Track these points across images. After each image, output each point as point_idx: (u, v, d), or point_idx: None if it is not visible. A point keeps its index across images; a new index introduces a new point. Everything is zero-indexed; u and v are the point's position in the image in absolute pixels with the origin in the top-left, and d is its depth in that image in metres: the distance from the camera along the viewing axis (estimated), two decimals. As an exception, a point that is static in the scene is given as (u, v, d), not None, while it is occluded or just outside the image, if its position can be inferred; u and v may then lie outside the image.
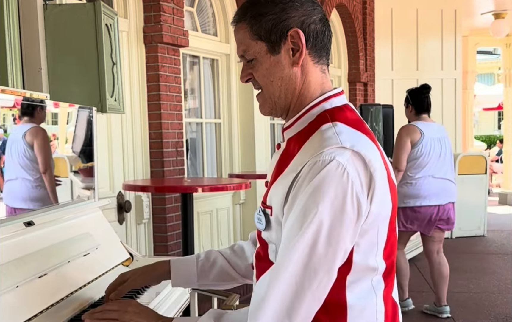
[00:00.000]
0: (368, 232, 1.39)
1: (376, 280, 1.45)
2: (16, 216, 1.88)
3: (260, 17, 1.46)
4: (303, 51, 1.46)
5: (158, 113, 4.79)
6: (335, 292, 1.39)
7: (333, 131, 1.40)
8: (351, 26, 8.59)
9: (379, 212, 1.39)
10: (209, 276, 1.81)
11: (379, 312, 1.45)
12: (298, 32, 1.45)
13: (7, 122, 1.99)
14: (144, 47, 4.76)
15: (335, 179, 1.32)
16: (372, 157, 1.37)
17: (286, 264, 1.33)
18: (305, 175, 1.35)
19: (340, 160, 1.33)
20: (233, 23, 1.53)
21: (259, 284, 1.40)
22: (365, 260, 1.41)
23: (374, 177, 1.36)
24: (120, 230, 4.57)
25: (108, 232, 2.41)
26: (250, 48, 1.49)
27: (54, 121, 2.38)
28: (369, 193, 1.35)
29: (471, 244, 7.96)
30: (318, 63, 1.50)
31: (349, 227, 1.33)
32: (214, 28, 6.09)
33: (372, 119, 6.77)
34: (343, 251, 1.35)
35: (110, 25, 3.14)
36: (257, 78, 1.51)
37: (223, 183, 4.30)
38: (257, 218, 1.52)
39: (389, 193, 1.43)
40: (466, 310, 5.07)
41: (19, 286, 1.65)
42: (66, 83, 3.04)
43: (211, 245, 5.81)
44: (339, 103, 1.49)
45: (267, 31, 1.46)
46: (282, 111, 1.53)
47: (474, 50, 12.57)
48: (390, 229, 1.45)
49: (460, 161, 8.19)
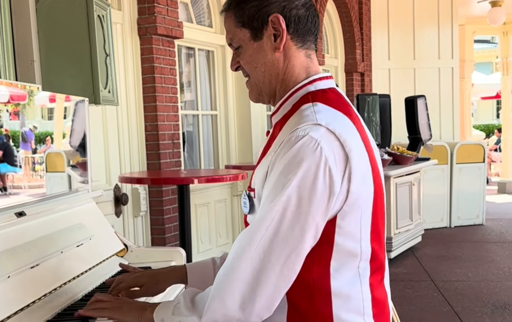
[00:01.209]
0: (350, 213, 1.38)
1: (362, 267, 1.44)
2: (7, 207, 1.86)
3: (243, 4, 1.50)
4: (284, 36, 1.48)
5: (154, 105, 4.77)
6: (319, 279, 1.39)
7: (311, 110, 1.41)
8: (347, 16, 8.56)
9: (359, 194, 1.38)
10: None
11: (366, 300, 1.45)
12: (278, 17, 1.47)
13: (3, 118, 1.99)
14: (138, 39, 4.73)
15: (308, 153, 1.32)
16: (347, 137, 1.37)
17: (253, 235, 1.34)
18: (279, 150, 1.37)
19: (313, 135, 1.34)
20: (222, 12, 1.58)
21: (229, 254, 1.40)
22: (348, 243, 1.40)
23: (350, 156, 1.35)
24: (117, 223, 4.56)
25: (102, 223, 2.41)
26: (236, 36, 1.53)
27: (50, 116, 2.37)
28: (345, 172, 1.35)
29: (470, 232, 7.95)
30: (302, 48, 1.51)
31: (320, 203, 1.33)
32: (209, 20, 6.07)
33: (369, 109, 6.76)
34: (313, 227, 1.34)
35: (102, 16, 3.13)
36: (243, 65, 1.55)
37: (219, 174, 4.30)
38: (243, 202, 1.54)
39: (371, 175, 1.42)
40: (465, 298, 5.06)
41: (11, 276, 1.64)
42: (59, 75, 3.03)
43: (209, 237, 5.81)
44: (324, 86, 1.50)
45: (250, 17, 1.49)
46: (268, 97, 1.55)
47: (471, 39, 12.54)
48: (374, 213, 1.44)
49: (458, 149, 8.18)
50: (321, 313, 1.39)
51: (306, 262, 1.36)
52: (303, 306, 1.40)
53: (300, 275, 1.36)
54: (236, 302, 1.33)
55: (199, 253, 5.54)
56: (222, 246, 6.00)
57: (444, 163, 8.16)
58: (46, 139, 2.26)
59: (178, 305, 1.45)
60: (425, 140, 7.33)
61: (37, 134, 2.20)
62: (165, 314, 1.47)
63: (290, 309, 1.41)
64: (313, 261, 1.38)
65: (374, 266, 1.46)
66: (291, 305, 1.41)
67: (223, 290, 1.34)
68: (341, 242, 1.39)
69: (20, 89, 2.13)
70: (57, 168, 2.34)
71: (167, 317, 1.46)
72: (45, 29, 3.02)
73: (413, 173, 6.81)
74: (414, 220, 6.83)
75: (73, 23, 3.03)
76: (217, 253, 1.89)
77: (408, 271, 5.98)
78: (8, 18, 2.86)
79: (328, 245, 1.38)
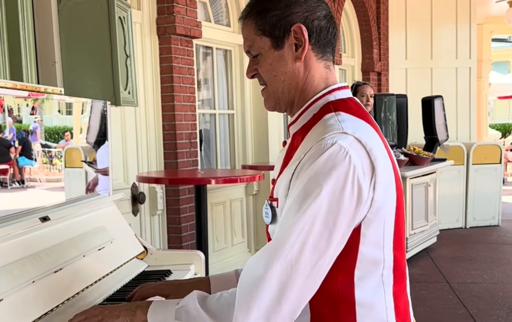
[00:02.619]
0: (374, 222, 1.39)
1: (386, 275, 1.44)
2: (31, 211, 1.89)
3: (264, 12, 1.49)
4: (306, 46, 1.48)
5: (172, 105, 4.79)
6: (343, 288, 1.39)
7: (336, 119, 1.41)
8: (364, 15, 8.53)
9: (383, 202, 1.39)
10: None
11: (389, 309, 1.45)
12: (301, 27, 1.47)
13: (22, 113, 2.00)
14: (157, 39, 4.76)
15: (337, 162, 1.33)
16: (373, 146, 1.38)
17: (282, 246, 1.33)
18: (306, 159, 1.37)
19: (342, 144, 1.34)
20: (240, 19, 1.57)
21: (253, 264, 1.37)
22: (372, 251, 1.40)
23: (376, 165, 1.36)
24: (134, 222, 4.59)
25: (123, 225, 2.43)
26: (255, 44, 1.52)
27: (68, 111, 2.39)
28: (371, 181, 1.35)
29: (486, 234, 7.91)
30: (322, 59, 1.52)
31: (347, 211, 1.33)
32: (227, 19, 6.08)
33: (386, 109, 6.74)
34: (340, 235, 1.34)
35: (123, 17, 3.14)
36: (261, 73, 1.54)
37: (236, 175, 4.31)
38: (265, 212, 1.53)
39: (394, 184, 1.43)
40: (480, 301, 5.04)
41: (36, 281, 1.66)
42: (80, 77, 3.04)
43: (225, 236, 5.83)
44: (343, 96, 1.51)
45: (271, 26, 1.48)
46: (285, 106, 1.56)
47: (489, 38, 12.46)
48: (396, 221, 1.44)
49: (475, 150, 8.14)
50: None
51: (330, 271, 1.37)
52: (326, 315, 1.40)
53: (324, 284, 1.37)
54: (262, 310, 1.32)
55: (215, 251, 5.56)
56: (238, 245, 6.01)
57: (461, 164, 8.13)
58: (65, 135, 2.28)
59: (183, 308, 1.40)
60: (441, 141, 7.30)
61: (53, 129, 2.22)
62: (166, 318, 1.41)
63: (313, 317, 1.41)
64: (337, 270, 1.38)
65: (397, 274, 1.47)
66: (314, 314, 1.41)
67: (249, 298, 1.32)
68: (365, 250, 1.39)
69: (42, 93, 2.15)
70: (75, 164, 2.35)
71: None
72: (67, 31, 3.04)
73: (429, 173, 6.79)
74: (429, 220, 6.81)
75: (94, 24, 3.04)
76: (232, 252, 1.89)
77: (423, 272, 5.97)
78: (31, 19, 2.89)
79: (353, 254, 1.39)
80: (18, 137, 1.96)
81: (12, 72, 2.78)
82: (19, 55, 2.80)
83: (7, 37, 2.77)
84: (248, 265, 1.40)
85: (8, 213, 1.78)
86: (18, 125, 1.96)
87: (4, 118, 1.87)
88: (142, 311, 1.45)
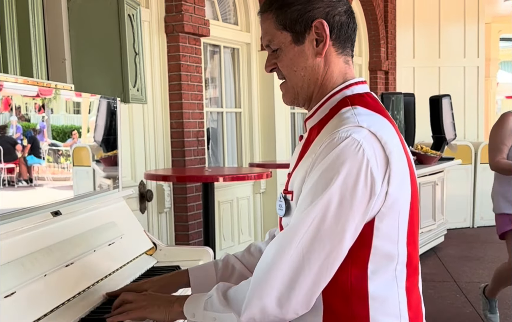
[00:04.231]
0: (388, 215, 1.39)
1: (399, 270, 1.44)
2: (44, 206, 1.91)
3: (286, 7, 1.49)
4: (327, 42, 1.48)
5: (179, 103, 4.81)
6: (356, 282, 1.40)
7: (352, 113, 1.42)
8: (372, 14, 8.53)
9: (398, 196, 1.39)
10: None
11: (402, 303, 1.45)
12: (323, 23, 1.47)
13: (30, 112, 2.01)
14: (165, 37, 4.78)
15: (350, 155, 1.33)
16: (388, 140, 1.38)
17: (294, 235, 1.35)
18: (320, 151, 1.38)
19: (356, 137, 1.35)
20: (259, 13, 1.56)
21: (267, 252, 1.41)
22: (386, 245, 1.41)
23: (390, 159, 1.37)
24: (141, 219, 4.59)
25: (132, 221, 2.44)
26: (275, 38, 1.51)
27: (76, 110, 2.40)
28: (385, 174, 1.36)
29: (493, 233, 7.78)
30: (341, 54, 1.52)
31: (360, 204, 1.34)
32: (235, 17, 6.09)
33: (393, 108, 6.72)
34: (353, 228, 1.35)
35: (132, 15, 3.15)
36: (281, 68, 1.53)
37: (244, 173, 4.32)
38: (278, 204, 1.54)
39: (409, 178, 1.44)
40: (488, 300, 5.02)
41: (47, 274, 1.67)
42: (89, 74, 3.06)
43: (232, 234, 5.84)
44: (360, 91, 1.51)
45: (292, 21, 1.48)
46: (304, 100, 1.56)
47: (497, 38, 12.40)
48: (410, 216, 1.45)
49: (483, 149, 8.11)
50: (358, 315, 1.41)
51: (343, 265, 1.38)
52: (339, 308, 1.41)
53: (338, 278, 1.38)
54: (274, 299, 1.35)
55: (222, 250, 5.57)
56: (245, 243, 6.03)
57: (468, 163, 8.11)
58: (72, 133, 2.29)
59: (210, 299, 1.47)
60: (449, 140, 7.27)
61: (61, 127, 2.23)
62: (196, 309, 1.48)
63: (326, 311, 1.42)
64: (351, 263, 1.39)
65: (410, 269, 1.48)
66: (327, 307, 1.42)
67: (261, 287, 1.36)
68: (379, 244, 1.40)
69: (52, 89, 2.16)
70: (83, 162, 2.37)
71: (198, 313, 1.48)
72: (76, 28, 3.05)
73: (437, 172, 6.78)
74: (437, 220, 6.80)
75: (103, 22, 3.05)
76: (239, 250, 1.91)
77: (430, 272, 5.96)
78: (41, 16, 2.90)
79: (366, 247, 1.39)
80: (27, 135, 1.97)
81: (22, 70, 2.79)
82: (29, 52, 2.81)
83: (17, 35, 2.78)
84: (264, 252, 1.43)
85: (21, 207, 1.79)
86: (27, 124, 1.97)
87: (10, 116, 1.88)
88: (179, 303, 1.54)
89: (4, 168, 1.84)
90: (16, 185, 1.90)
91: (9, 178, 1.88)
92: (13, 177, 1.89)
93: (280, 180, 6.11)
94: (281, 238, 1.39)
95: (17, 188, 1.90)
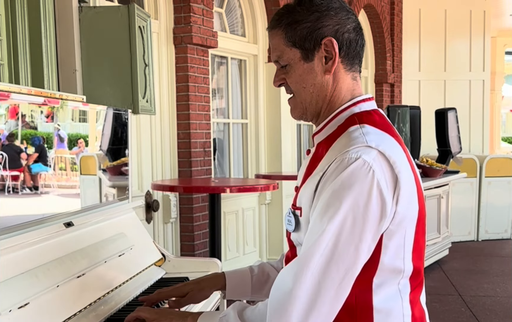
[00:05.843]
0: (396, 233, 1.40)
1: (403, 283, 1.46)
2: (56, 216, 1.93)
3: (295, 24, 1.50)
4: (336, 59, 1.49)
5: (187, 114, 4.83)
6: (361, 295, 1.41)
7: (360, 132, 1.43)
8: (378, 27, 8.56)
9: (405, 214, 1.40)
10: (262, 290, 1.81)
11: (406, 316, 1.46)
12: (332, 41, 1.48)
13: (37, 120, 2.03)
14: (173, 48, 4.80)
15: (361, 177, 1.34)
16: (397, 159, 1.39)
17: (309, 261, 1.35)
18: (330, 172, 1.39)
19: (366, 158, 1.36)
20: (268, 28, 1.57)
21: (282, 278, 1.40)
22: (392, 262, 1.42)
23: (399, 178, 1.38)
24: (147, 229, 4.61)
25: (142, 232, 2.46)
26: (285, 54, 1.53)
27: (82, 118, 2.41)
28: (394, 193, 1.37)
29: (498, 247, 7.87)
30: (350, 71, 1.53)
31: (372, 225, 1.35)
32: (242, 29, 6.12)
33: (399, 120, 6.74)
34: (366, 249, 1.36)
35: (143, 27, 3.18)
36: (290, 84, 1.55)
37: (251, 184, 4.33)
38: (287, 219, 1.55)
39: (416, 196, 1.45)
40: (493, 314, 5.02)
41: (60, 285, 1.69)
42: (99, 85, 3.08)
43: (237, 245, 5.84)
44: (368, 108, 1.53)
45: (302, 38, 1.49)
46: (312, 116, 1.57)
47: (502, 51, 12.43)
48: (417, 232, 1.46)
49: (487, 163, 8.12)
50: None
51: None
52: (344, 321, 1.41)
53: None
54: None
55: (226, 260, 5.58)
56: (249, 254, 6.03)
57: (473, 176, 8.11)
58: (78, 142, 2.30)
59: (225, 318, 1.47)
60: (454, 153, 7.28)
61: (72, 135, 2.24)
62: None
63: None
64: (357, 278, 1.39)
65: (414, 283, 1.49)
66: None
67: (279, 314, 1.35)
68: (386, 260, 1.41)
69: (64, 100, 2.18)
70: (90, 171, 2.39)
71: None
72: (87, 39, 3.08)
73: (442, 185, 6.78)
74: (441, 233, 6.80)
75: (114, 33, 3.08)
76: (244, 261, 1.92)
77: (435, 285, 5.95)
78: (53, 28, 2.93)
79: (374, 263, 1.40)
80: (35, 144, 1.99)
81: (34, 80, 2.82)
82: (41, 63, 2.84)
83: (29, 46, 2.81)
84: (278, 278, 1.42)
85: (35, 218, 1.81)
86: (34, 132, 1.99)
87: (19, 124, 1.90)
88: (193, 318, 1.53)
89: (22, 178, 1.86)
90: (31, 192, 1.92)
91: (26, 187, 1.90)
92: (31, 186, 1.92)
93: (285, 191, 6.11)
94: (296, 265, 1.38)
95: (33, 195, 1.93)
